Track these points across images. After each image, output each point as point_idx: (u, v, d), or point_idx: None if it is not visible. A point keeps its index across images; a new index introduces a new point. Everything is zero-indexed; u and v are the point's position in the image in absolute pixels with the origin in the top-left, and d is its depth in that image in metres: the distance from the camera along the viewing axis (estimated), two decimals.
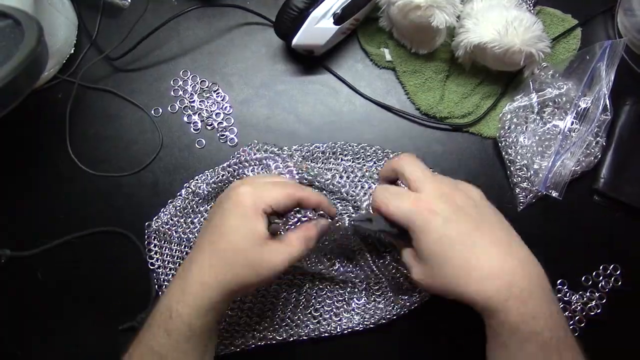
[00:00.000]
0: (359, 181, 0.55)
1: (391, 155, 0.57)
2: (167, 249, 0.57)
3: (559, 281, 0.57)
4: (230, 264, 0.42)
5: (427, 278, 0.43)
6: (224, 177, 0.54)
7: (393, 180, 0.49)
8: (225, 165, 0.55)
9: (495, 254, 0.40)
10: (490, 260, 0.40)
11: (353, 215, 0.52)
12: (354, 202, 0.53)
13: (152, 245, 0.57)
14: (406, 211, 0.42)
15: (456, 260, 0.40)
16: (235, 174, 0.53)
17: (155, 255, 0.57)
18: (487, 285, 0.39)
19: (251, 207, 0.43)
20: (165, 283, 0.57)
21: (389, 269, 0.53)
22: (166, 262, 0.57)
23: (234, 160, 0.55)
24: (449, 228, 0.41)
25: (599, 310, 0.56)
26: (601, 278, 0.57)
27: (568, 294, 0.57)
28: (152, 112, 0.61)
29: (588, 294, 0.57)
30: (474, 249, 0.40)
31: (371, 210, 0.49)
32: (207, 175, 0.58)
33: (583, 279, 0.57)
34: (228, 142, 0.60)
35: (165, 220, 0.57)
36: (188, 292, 0.42)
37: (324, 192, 0.54)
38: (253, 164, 0.53)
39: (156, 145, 0.60)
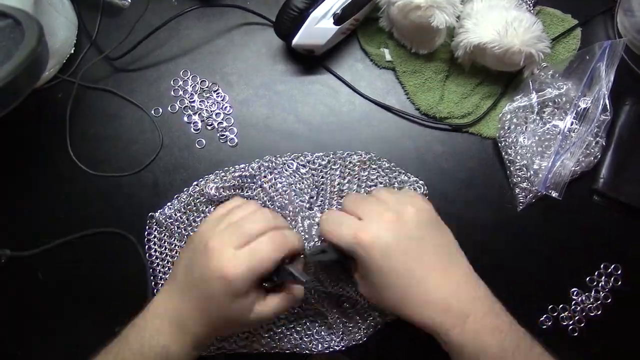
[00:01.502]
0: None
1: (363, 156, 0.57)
2: (166, 242, 0.57)
3: (559, 281, 0.57)
4: (223, 328, 0.46)
5: (373, 298, 0.47)
6: (236, 184, 0.55)
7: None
8: (239, 174, 0.55)
9: (432, 280, 0.43)
10: (427, 287, 0.43)
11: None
12: None
13: (152, 236, 0.57)
14: (349, 242, 0.44)
15: (396, 288, 0.43)
16: (247, 186, 0.56)
17: (154, 247, 0.57)
18: (425, 312, 0.42)
19: (242, 287, 0.42)
20: (160, 278, 0.57)
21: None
22: (164, 255, 0.57)
23: (248, 172, 0.55)
24: (389, 260, 0.43)
25: (598, 311, 0.56)
26: (601, 278, 0.57)
27: (568, 294, 0.57)
28: (152, 112, 0.61)
29: (588, 294, 0.57)
30: (412, 279, 0.43)
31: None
32: (217, 176, 0.57)
33: (583, 279, 0.57)
34: (228, 142, 0.60)
35: (169, 214, 0.57)
36: (186, 341, 0.44)
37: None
38: (264, 174, 0.55)
39: (156, 145, 0.60)
